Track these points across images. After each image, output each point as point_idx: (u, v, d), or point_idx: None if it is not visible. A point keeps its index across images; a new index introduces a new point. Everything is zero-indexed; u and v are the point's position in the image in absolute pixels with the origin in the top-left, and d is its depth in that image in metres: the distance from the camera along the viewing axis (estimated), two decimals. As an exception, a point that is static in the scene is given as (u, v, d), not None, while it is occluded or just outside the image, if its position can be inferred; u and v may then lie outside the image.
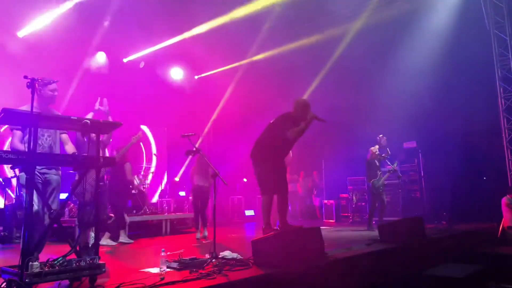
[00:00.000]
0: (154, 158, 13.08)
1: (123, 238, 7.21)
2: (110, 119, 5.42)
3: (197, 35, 10.84)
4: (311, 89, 12.30)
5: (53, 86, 4.17)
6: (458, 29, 9.88)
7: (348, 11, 10.67)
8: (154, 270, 4.01)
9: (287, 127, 5.41)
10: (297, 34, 11.47)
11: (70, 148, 4.33)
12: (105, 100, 5.50)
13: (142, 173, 10.53)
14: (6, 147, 9.18)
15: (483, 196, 9.11)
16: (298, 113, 5.54)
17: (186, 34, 10.88)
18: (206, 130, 14.41)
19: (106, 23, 9.28)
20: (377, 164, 9.03)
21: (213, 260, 4.33)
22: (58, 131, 4.29)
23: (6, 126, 6.25)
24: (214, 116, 14.08)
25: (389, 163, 9.23)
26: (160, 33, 10.88)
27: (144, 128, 12.31)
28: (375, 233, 6.86)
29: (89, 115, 5.20)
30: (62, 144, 4.36)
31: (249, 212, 13.32)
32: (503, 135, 9.58)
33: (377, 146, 9.04)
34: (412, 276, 5.21)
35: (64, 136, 4.37)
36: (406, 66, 10.64)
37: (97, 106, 5.32)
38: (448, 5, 10.20)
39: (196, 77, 13.90)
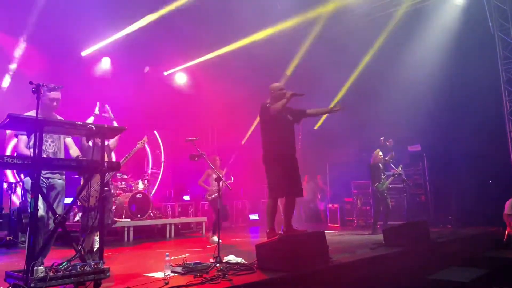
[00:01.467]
0: (158, 162, 13.13)
1: None
2: (115, 124, 5.45)
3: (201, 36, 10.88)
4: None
5: (53, 94, 4.13)
6: (462, 32, 9.88)
7: (353, 13, 10.69)
8: (159, 274, 4.02)
9: (268, 108, 5.39)
10: (301, 34, 11.47)
11: (74, 152, 4.34)
12: (106, 106, 5.51)
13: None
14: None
15: (489, 199, 9.04)
16: (276, 97, 5.48)
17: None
18: (210, 134, 14.44)
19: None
20: (381, 167, 9.01)
21: (217, 264, 4.34)
22: (62, 136, 4.31)
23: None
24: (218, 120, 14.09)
25: (393, 166, 9.20)
26: (165, 35, 10.94)
27: (148, 132, 12.34)
28: (380, 237, 6.84)
29: (90, 120, 5.22)
30: (66, 149, 4.37)
31: (253, 216, 13.31)
32: (508, 138, 9.53)
33: (378, 150, 9.03)
34: (417, 280, 5.18)
35: (69, 140, 4.39)
36: (410, 70, 10.63)
37: (96, 110, 5.33)
38: (452, 10, 10.19)
39: (200, 81, 13.94)
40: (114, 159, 6.24)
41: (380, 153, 9.01)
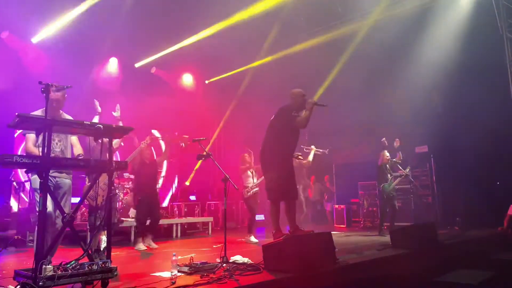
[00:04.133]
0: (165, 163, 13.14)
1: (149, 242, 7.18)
2: (120, 124, 5.49)
3: (206, 39, 10.90)
4: (321, 93, 12.25)
5: (60, 94, 4.14)
6: (470, 33, 9.80)
7: (359, 14, 10.66)
8: (165, 274, 4.03)
9: (293, 118, 5.38)
10: (307, 35, 11.44)
11: (78, 151, 4.38)
12: (118, 105, 5.56)
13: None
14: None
15: (497, 201, 8.97)
16: (298, 103, 5.49)
17: (196, 38, 10.95)
18: (216, 134, 14.44)
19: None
20: (388, 168, 8.97)
21: (224, 264, 4.34)
22: (68, 135, 4.34)
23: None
24: (223, 121, 14.12)
25: (400, 167, 9.15)
26: (170, 38, 10.98)
27: (155, 132, 12.35)
28: (387, 238, 6.81)
29: (95, 119, 5.27)
30: (71, 147, 4.40)
31: (259, 217, 13.28)
32: (517, 139, 9.45)
33: (385, 151, 8.98)
34: (424, 282, 5.15)
35: (74, 139, 4.41)
36: (417, 71, 10.57)
37: (98, 108, 5.37)
38: (460, 10, 10.13)
39: (206, 81, 13.98)
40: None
41: (387, 154, 8.96)
